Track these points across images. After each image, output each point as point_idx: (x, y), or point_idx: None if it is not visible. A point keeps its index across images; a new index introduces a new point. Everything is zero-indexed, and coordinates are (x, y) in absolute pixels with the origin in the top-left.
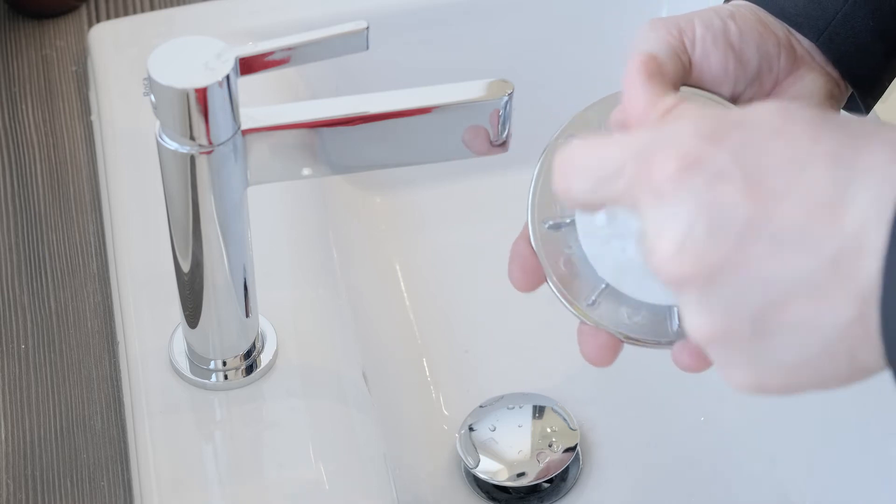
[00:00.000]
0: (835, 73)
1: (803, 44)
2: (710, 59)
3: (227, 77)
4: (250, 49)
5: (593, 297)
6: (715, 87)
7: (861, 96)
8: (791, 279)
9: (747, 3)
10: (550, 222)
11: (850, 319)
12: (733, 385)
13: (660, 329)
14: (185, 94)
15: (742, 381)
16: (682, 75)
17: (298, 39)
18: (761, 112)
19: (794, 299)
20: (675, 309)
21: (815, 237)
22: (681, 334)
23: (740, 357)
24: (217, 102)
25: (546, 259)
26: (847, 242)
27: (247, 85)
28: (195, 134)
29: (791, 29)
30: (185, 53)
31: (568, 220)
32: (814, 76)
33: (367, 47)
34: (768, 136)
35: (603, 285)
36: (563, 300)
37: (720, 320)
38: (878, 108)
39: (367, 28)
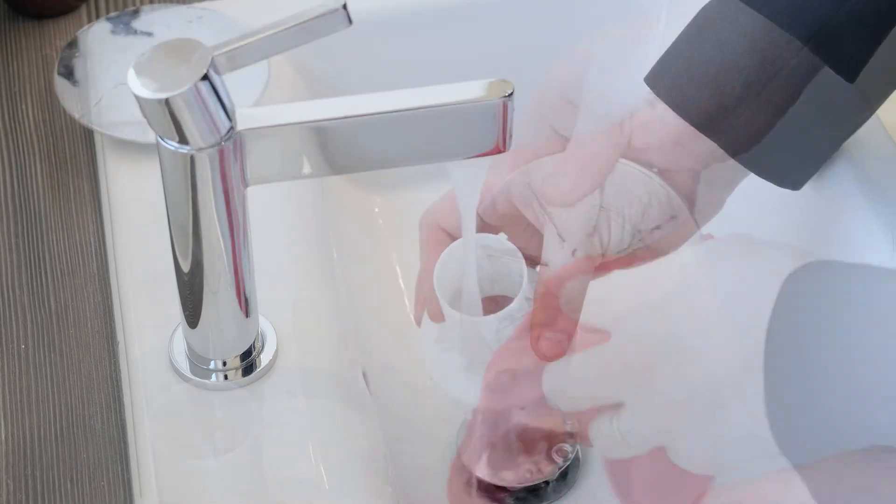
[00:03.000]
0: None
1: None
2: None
3: (206, 77)
4: (228, 45)
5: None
6: None
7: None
8: None
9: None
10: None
11: None
12: None
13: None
14: (164, 102)
15: None
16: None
17: (276, 29)
18: None
19: None
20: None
21: None
22: None
23: None
24: (199, 104)
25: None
26: None
27: (247, 85)
28: (187, 137)
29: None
30: (164, 59)
31: None
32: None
33: (351, 23)
34: None
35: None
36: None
37: None
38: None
39: (345, 5)
